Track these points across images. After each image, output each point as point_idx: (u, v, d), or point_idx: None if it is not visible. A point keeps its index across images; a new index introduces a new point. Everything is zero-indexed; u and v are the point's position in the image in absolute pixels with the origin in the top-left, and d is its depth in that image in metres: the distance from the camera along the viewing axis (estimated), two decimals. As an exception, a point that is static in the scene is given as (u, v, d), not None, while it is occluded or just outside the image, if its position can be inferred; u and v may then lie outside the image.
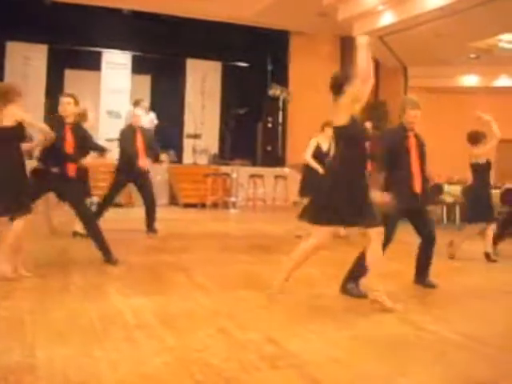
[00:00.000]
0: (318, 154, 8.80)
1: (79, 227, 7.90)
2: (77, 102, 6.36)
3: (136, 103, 11.14)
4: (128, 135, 8.85)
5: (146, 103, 13.96)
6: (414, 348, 3.82)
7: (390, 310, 4.61)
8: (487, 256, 7.60)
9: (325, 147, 8.91)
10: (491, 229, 7.69)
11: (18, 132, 5.43)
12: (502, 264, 7.43)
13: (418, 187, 5.47)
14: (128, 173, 8.67)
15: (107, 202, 8.64)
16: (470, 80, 16.76)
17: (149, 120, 16.77)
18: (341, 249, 7.31)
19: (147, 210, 8.95)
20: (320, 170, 7.91)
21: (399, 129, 5.67)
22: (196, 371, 3.19)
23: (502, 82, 16.59)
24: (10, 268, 5.34)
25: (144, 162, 8.69)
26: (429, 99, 16.44)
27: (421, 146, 5.60)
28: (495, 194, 10.65)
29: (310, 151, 8.92)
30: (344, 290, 5.17)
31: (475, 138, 7.53)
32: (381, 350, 3.75)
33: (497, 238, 7.90)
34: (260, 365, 3.35)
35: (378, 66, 17.03)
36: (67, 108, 6.27)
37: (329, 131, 8.65)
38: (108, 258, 6.18)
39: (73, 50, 16.40)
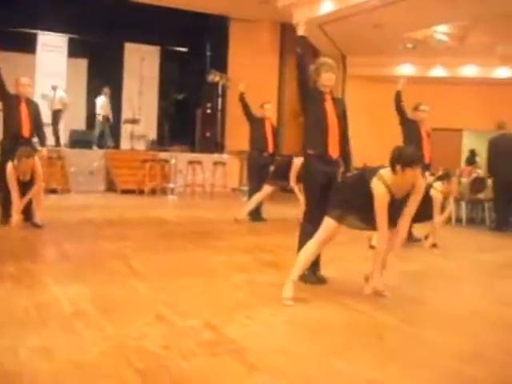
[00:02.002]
0: None
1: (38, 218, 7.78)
2: None
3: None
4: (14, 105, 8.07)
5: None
6: (350, 331, 3.90)
7: None
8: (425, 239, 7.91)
9: None
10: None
11: None
12: (439, 249, 7.63)
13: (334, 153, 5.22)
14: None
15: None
16: (407, 69, 17.09)
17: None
18: (274, 235, 7.39)
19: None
20: None
21: (315, 93, 5.29)
22: (135, 359, 3.17)
23: (437, 72, 16.99)
24: None
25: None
26: (367, 88, 16.71)
27: (339, 107, 5.32)
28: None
29: None
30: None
31: None
32: (317, 333, 3.82)
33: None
34: (199, 352, 3.36)
35: (317, 54, 17.20)
36: None
37: None
38: None
39: (6, 31, 15.84)
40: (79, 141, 15.82)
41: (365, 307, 4.48)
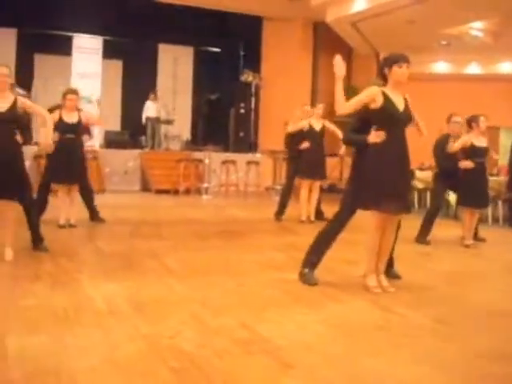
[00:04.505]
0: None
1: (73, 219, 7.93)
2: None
3: None
4: None
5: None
6: (383, 330, 3.87)
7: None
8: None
9: (317, 127, 9.20)
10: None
11: None
12: (472, 249, 7.53)
13: None
14: None
15: None
16: (441, 67, 16.90)
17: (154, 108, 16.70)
18: (306, 233, 7.33)
19: None
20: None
21: None
22: (169, 358, 3.19)
23: (472, 69, 16.76)
24: None
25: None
26: (401, 85, 16.55)
27: None
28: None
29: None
30: (300, 274, 5.17)
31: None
32: (350, 333, 3.79)
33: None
34: (233, 350, 3.36)
35: (350, 52, 17.08)
36: None
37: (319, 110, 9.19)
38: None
39: (42, 34, 16.09)
40: (114, 141, 15.99)
41: (398, 307, 4.44)
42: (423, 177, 12.21)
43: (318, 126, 9.16)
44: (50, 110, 7.94)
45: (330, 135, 9.35)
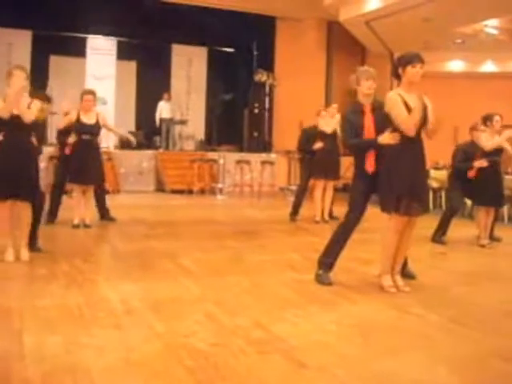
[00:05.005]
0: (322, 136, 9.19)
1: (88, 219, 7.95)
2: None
3: None
4: None
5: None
6: (398, 331, 3.86)
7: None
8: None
9: (328, 130, 9.20)
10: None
11: None
12: (487, 249, 7.47)
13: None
14: None
15: None
16: (456, 65, 16.81)
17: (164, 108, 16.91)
18: (321, 233, 7.34)
19: None
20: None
21: (355, 106, 5.20)
22: (185, 357, 3.20)
23: (488, 67, 16.64)
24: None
25: None
26: (416, 85, 16.47)
27: (378, 118, 4.98)
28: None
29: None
30: (315, 275, 5.16)
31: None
32: (365, 333, 3.78)
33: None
34: (248, 350, 3.37)
35: (364, 51, 17.03)
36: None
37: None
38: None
39: (57, 35, 16.18)
40: (128, 142, 16.01)
41: (413, 307, 4.42)
42: (438, 176, 12.15)
43: (328, 129, 9.15)
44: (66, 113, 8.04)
45: None
